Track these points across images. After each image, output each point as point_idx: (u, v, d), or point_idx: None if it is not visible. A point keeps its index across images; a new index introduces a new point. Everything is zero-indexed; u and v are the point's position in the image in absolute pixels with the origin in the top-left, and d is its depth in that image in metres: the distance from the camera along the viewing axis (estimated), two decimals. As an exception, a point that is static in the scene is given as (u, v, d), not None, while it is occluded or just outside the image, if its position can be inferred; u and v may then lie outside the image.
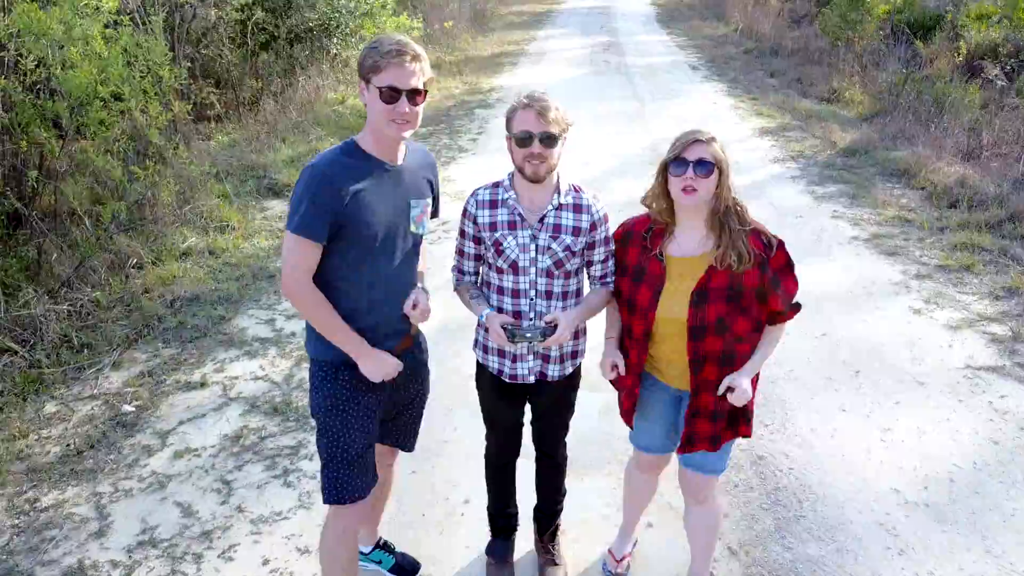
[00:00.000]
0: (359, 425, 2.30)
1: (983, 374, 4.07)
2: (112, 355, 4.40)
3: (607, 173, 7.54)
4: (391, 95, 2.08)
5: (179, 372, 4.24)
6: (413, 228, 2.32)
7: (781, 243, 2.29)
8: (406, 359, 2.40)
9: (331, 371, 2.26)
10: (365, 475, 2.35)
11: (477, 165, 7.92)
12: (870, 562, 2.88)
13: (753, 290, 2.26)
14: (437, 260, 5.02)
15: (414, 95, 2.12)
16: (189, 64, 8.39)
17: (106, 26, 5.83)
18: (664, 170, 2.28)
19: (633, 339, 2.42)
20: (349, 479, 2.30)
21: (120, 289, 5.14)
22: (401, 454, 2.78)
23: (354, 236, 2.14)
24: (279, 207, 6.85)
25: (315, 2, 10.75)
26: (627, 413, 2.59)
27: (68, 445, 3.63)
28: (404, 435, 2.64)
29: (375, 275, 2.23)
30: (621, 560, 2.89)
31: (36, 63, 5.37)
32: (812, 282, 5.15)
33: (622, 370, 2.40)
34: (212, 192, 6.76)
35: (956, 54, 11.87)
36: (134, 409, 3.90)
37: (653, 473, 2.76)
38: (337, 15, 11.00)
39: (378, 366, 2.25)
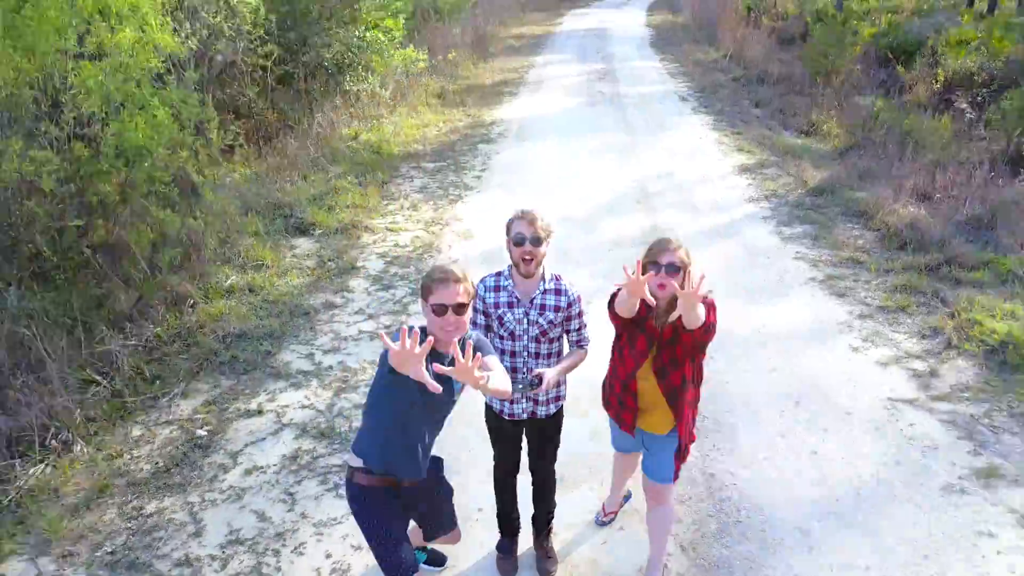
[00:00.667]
0: (389, 512, 3.02)
1: (900, 405, 4.95)
2: (179, 386, 5.27)
3: (599, 209, 8.12)
4: (441, 309, 2.74)
5: (238, 401, 5.12)
6: (455, 396, 2.99)
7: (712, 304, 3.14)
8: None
9: (355, 487, 3.01)
10: (411, 553, 3.07)
11: (482, 203, 8.73)
12: (787, 556, 3.77)
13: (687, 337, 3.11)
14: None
15: (459, 308, 2.75)
16: (215, 102, 9.21)
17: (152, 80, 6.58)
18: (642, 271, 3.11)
19: (617, 379, 3.36)
20: (403, 557, 2.98)
21: (176, 324, 5.99)
22: None
23: None
24: (306, 245, 7.70)
25: (331, 42, 11.55)
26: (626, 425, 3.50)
27: (157, 463, 4.51)
28: (439, 522, 3.39)
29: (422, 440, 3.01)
30: (609, 514, 4.01)
31: (100, 122, 6.18)
32: (771, 322, 6.02)
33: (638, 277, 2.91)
34: (247, 231, 7.59)
35: (934, 81, 12.63)
36: (206, 433, 4.78)
37: (629, 463, 3.81)
38: (351, 54, 11.78)
39: (401, 356, 2.42)
